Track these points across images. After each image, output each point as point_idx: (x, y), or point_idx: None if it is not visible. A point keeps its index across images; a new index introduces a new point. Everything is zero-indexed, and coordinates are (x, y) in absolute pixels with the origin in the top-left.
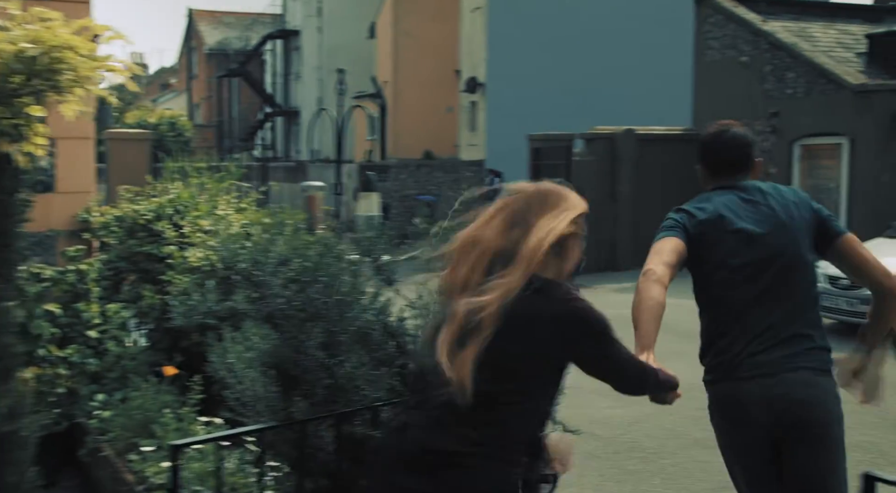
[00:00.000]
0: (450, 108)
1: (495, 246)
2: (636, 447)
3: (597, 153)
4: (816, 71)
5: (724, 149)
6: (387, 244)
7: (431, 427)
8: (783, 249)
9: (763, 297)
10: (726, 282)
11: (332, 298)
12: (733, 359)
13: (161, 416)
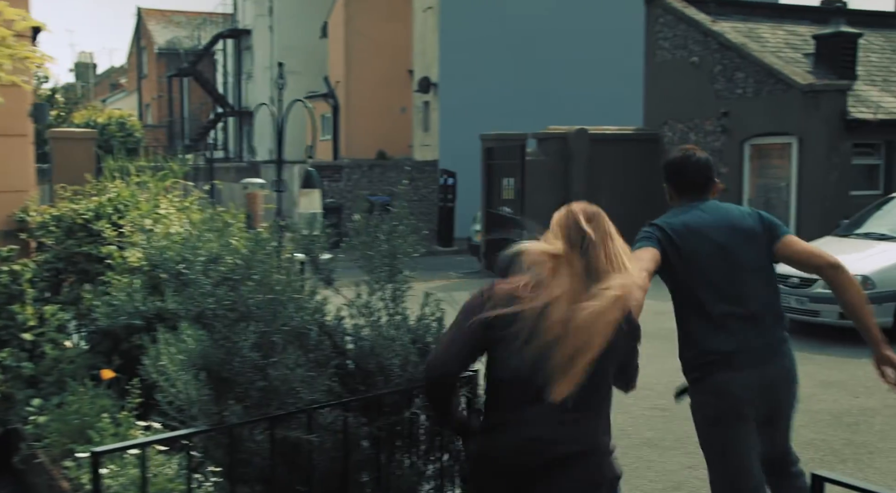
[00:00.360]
0: (403, 108)
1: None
2: None
3: (549, 153)
4: (765, 71)
5: (689, 172)
6: (326, 242)
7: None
8: (745, 256)
9: (736, 300)
10: (702, 289)
11: (265, 296)
12: (723, 355)
13: (98, 421)
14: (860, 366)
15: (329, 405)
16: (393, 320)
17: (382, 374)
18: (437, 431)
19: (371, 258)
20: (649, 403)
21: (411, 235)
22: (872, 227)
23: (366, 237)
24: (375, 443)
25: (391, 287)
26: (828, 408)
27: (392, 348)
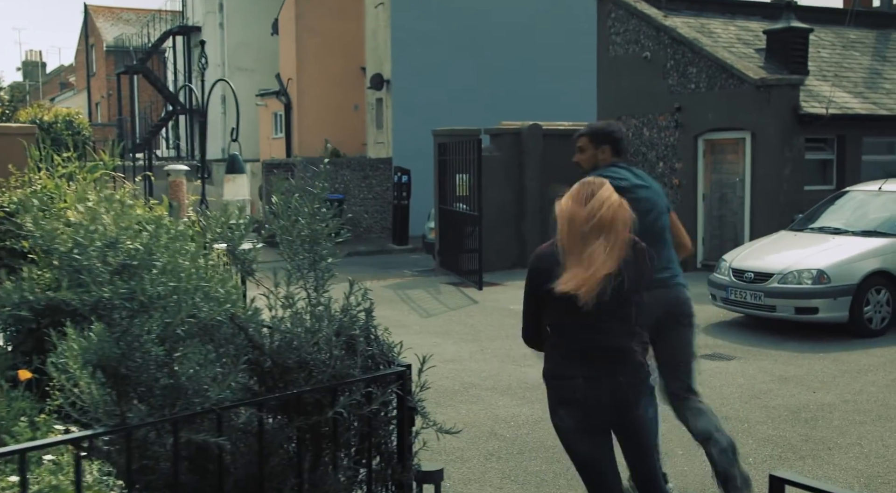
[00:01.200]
0: (356, 106)
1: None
2: (541, 446)
3: (503, 149)
4: (718, 66)
5: (625, 139)
6: (248, 231)
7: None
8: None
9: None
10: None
11: (166, 285)
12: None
13: (14, 425)
14: (817, 361)
15: (239, 404)
16: (315, 312)
17: (304, 370)
18: (368, 432)
19: (290, 244)
20: None
21: (334, 219)
22: (827, 221)
23: (284, 221)
24: (299, 446)
25: (313, 276)
26: (785, 403)
27: (314, 342)
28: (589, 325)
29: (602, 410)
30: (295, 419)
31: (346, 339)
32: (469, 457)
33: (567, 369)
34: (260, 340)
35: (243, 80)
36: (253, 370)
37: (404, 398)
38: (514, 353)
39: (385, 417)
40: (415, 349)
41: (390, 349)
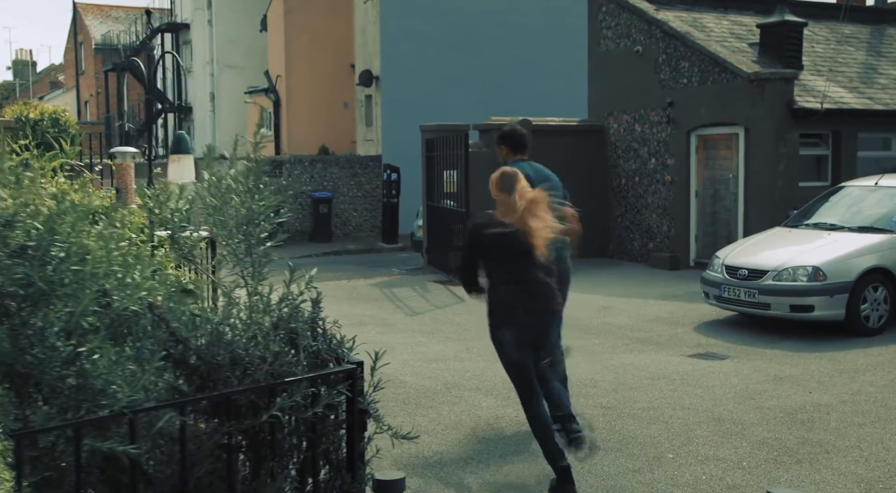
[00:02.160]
0: (346, 104)
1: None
2: (524, 449)
3: (492, 145)
4: (710, 60)
5: (524, 139)
6: (190, 216)
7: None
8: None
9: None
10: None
11: (69, 269)
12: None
13: None
14: (813, 360)
15: (155, 408)
16: (251, 303)
17: (238, 368)
18: (313, 438)
19: (224, 225)
20: (592, 401)
21: (273, 197)
22: (822, 217)
23: (216, 200)
24: (230, 454)
25: (250, 262)
26: (780, 405)
27: (250, 336)
28: (527, 272)
29: (531, 330)
30: (226, 424)
31: (286, 333)
32: (448, 461)
33: (511, 301)
34: (184, 333)
35: (232, 77)
36: (179, 369)
37: (354, 400)
38: None
39: (335, 421)
40: (399, 349)
41: (340, 345)
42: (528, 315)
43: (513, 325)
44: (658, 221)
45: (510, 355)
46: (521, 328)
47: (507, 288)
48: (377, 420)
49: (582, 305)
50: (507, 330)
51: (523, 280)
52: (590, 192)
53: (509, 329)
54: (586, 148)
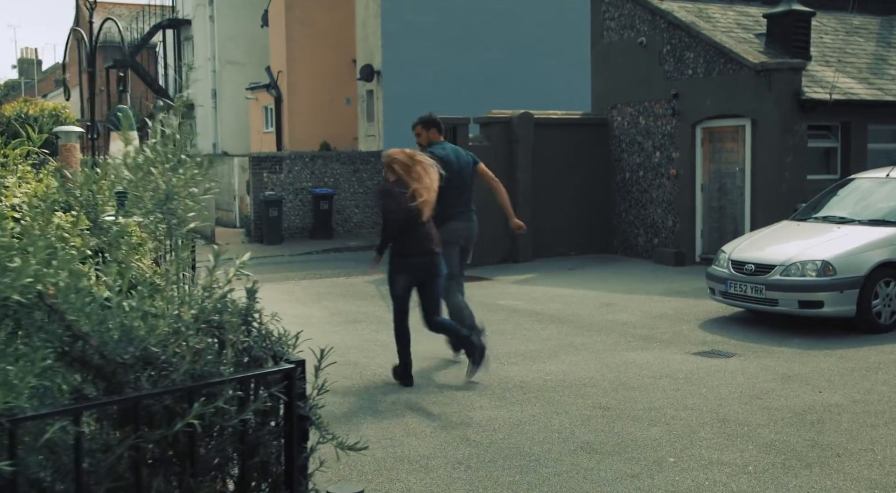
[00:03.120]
0: (348, 99)
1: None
2: (516, 453)
3: (493, 138)
4: (716, 50)
5: (440, 124)
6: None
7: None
8: (467, 169)
9: (462, 188)
10: (453, 183)
11: None
12: (456, 213)
13: None
14: (823, 358)
15: (41, 416)
16: (168, 294)
17: (153, 368)
18: (244, 449)
19: (138, 201)
20: (591, 401)
21: (197, 173)
22: (832, 210)
23: (131, 173)
24: (137, 469)
25: (169, 245)
26: (788, 405)
27: (165, 332)
28: (422, 230)
29: (420, 274)
30: (131, 435)
31: (208, 327)
32: (434, 466)
33: (411, 253)
34: (87, 328)
35: (234, 73)
36: (81, 370)
37: (292, 404)
38: (498, 350)
39: (274, 429)
40: (392, 347)
41: (279, 342)
42: (424, 261)
43: (408, 271)
44: (663, 216)
45: (398, 290)
46: (413, 272)
47: (404, 243)
48: (319, 428)
49: (584, 301)
50: (402, 274)
51: (416, 235)
52: (593, 186)
53: (405, 274)
54: (589, 142)
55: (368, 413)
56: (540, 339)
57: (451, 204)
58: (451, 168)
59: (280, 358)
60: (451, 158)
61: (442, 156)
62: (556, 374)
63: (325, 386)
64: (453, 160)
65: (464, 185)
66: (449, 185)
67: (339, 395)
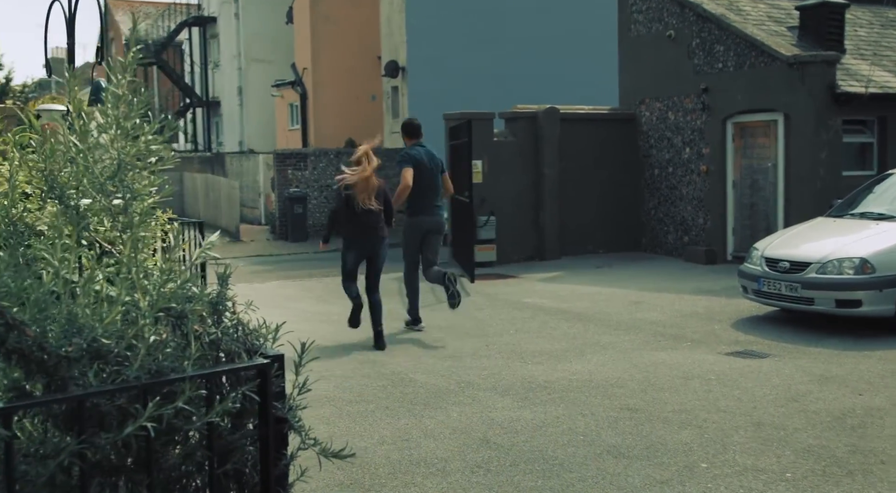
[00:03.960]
0: (374, 96)
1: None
2: (539, 457)
3: (518, 134)
4: (747, 43)
5: (418, 129)
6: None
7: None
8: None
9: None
10: (422, 182)
11: None
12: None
13: None
14: (862, 359)
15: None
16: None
17: (104, 362)
18: (212, 457)
19: (87, 171)
20: (618, 402)
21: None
22: (869, 206)
23: (79, 142)
24: (84, 480)
25: (122, 221)
26: (827, 408)
27: (117, 321)
28: (364, 216)
29: (366, 250)
30: (72, 439)
31: (167, 314)
32: (452, 469)
33: (355, 234)
34: (24, 316)
35: (260, 71)
36: (20, 362)
37: (267, 405)
38: (522, 349)
39: (252, 432)
40: (414, 345)
41: (254, 334)
42: (364, 241)
43: (355, 247)
44: (693, 214)
45: (348, 263)
46: (359, 249)
47: (352, 225)
48: (299, 432)
49: (611, 299)
50: (351, 250)
51: (364, 222)
52: (621, 183)
53: (353, 250)
54: (617, 137)
55: (384, 413)
56: (566, 337)
57: (421, 200)
58: (422, 168)
59: (255, 353)
60: (424, 159)
61: (414, 155)
62: (582, 374)
63: (308, 385)
64: (426, 161)
65: (433, 184)
66: (420, 183)
67: (354, 393)
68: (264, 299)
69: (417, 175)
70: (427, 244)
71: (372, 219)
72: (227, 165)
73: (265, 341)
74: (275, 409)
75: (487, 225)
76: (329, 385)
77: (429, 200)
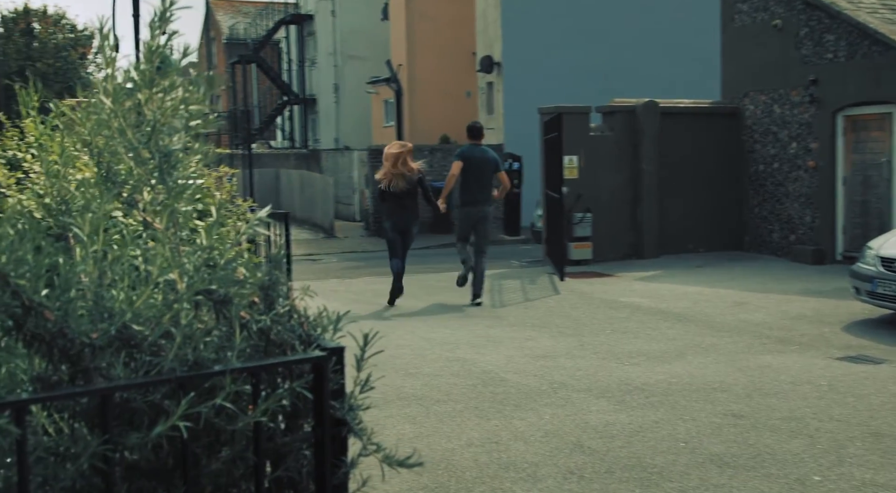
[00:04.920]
0: (468, 92)
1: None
2: (636, 464)
3: (616, 128)
4: (859, 32)
5: (476, 130)
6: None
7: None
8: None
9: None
10: (470, 177)
11: None
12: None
13: None
14: None
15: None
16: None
17: (137, 351)
18: (259, 462)
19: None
20: (721, 408)
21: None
22: None
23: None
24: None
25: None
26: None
27: (151, 305)
28: (400, 199)
29: (401, 224)
30: (94, 439)
31: (207, 295)
32: (543, 475)
33: (392, 213)
34: (32, 296)
35: (355, 68)
36: (43, 350)
37: (324, 404)
38: (619, 349)
39: (308, 435)
40: (504, 343)
41: (312, 324)
42: (398, 219)
43: (392, 221)
44: (800, 211)
45: (390, 234)
46: (394, 224)
47: (390, 206)
48: (359, 436)
49: (713, 300)
50: (389, 223)
51: (396, 202)
52: (723, 179)
53: (390, 223)
54: (719, 132)
55: (473, 413)
56: (665, 338)
57: (467, 193)
58: (471, 164)
59: (311, 345)
60: (476, 157)
61: (465, 152)
62: (683, 376)
63: (371, 382)
64: (476, 159)
65: (482, 180)
66: (468, 178)
67: (442, 392)
68: (354, 294)
69: (466, 170)
70: (475, 230)
71: (404, 200)
72: (323, 162)
73: (324, 332)
74: (332, 409)
75: (583, 222)
76: (417, 383)
77: (475, 194)
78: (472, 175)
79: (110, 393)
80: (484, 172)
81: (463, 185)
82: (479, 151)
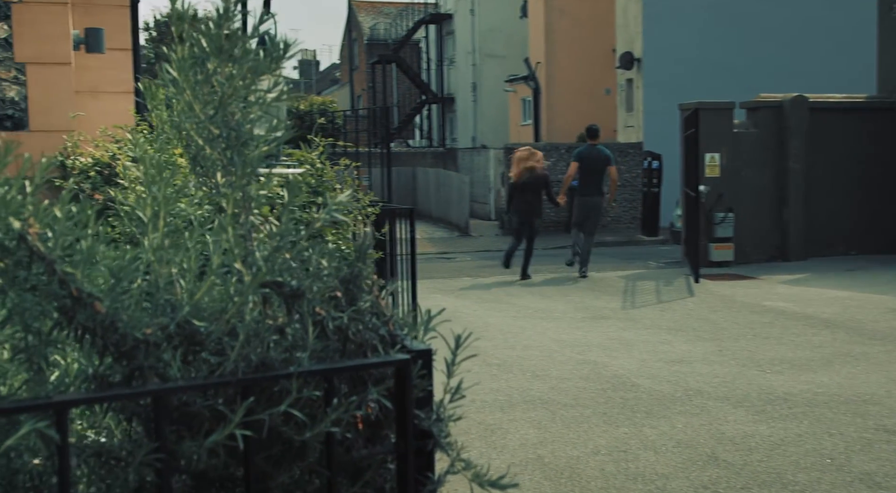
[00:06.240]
0: (608, 90)
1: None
2: (776, 480)
3: (761, 125)
4: None
5: (593, 132)
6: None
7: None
8: (598, 166)
9: (592, 176)
10: (585, 172)
11: None
12: (585, 192)
13: None
14: None
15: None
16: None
17: (199, 348)
18: (331, 477)
19: (201, 132)
20: (873, 422)
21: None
22: None
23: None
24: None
25: (240, 194)
26: None
27: (214, 297)
28: (525, 194)
29: (526, 217)
30: (144, 444)
31: (276, 287)
32: (673, 488)
33: (518, 205)
34: (79, 285)
35: (493, 66)
36: (96, 344)
37: (407, 414)
38: (759, 356)
39: (389, 448)
40: (637, 346)
41: (398, 323)
42: (523, 211)
43: (518, 213)
44: None
45: (515, 222)
46: (519, 215)
47: (516, 201)
48: (446, 450)
49: (866, 306)
50: (515, 214)
51: (522, 198)
52: (879, 178)
53: (516, 214)
54: (874, 128)
55: (601, 419)
56: (811, 346)
57: (583, 186)
58: (586, 162)
59: (393, 345)
60: (590, 155)
61: (580, 152)
62: (830, 387)
63: (463, 389)
64: (590, 157)
65: (595, 175)
66: (584, 173)
67: (570, 396)
68: (486, 294)
69: (582, 168)
70: (587, 218)
71: (528, 197)
72: (459, 160)
73: (412, 332)
74: (417, 419)
75: (725, 222)
76: (544, 386)
77: (589, 187)
78: (587, 171)
79: (162, 395)
80: (597, 169)
81: (580, 179)
82: (595, 151)
